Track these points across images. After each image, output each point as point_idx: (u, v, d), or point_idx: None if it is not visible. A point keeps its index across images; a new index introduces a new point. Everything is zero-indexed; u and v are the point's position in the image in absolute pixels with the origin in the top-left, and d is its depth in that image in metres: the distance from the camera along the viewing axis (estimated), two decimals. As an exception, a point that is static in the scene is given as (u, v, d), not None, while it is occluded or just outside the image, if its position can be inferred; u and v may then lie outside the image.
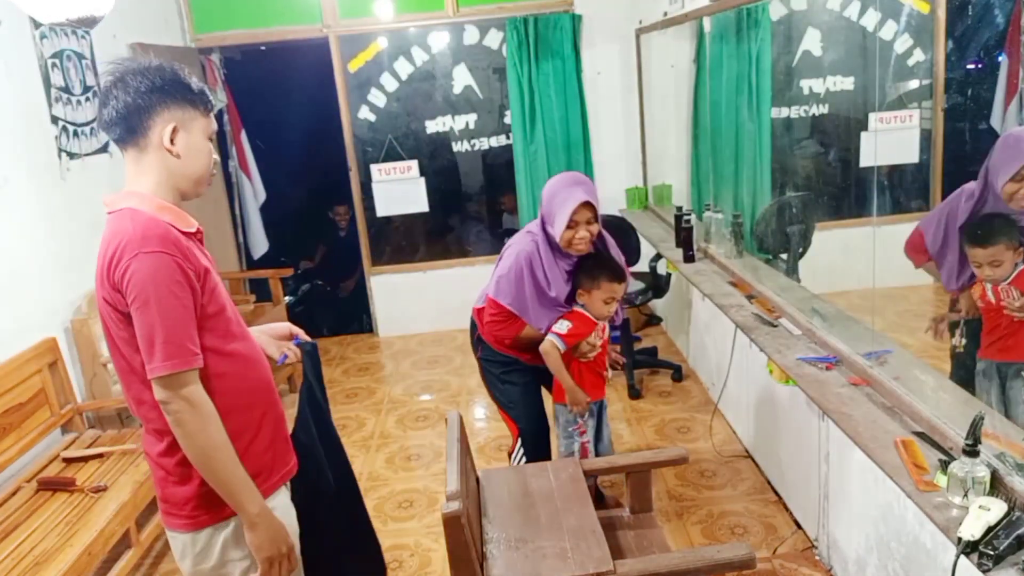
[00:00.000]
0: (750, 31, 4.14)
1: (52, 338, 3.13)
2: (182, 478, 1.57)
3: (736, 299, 3.15)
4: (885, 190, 4.52)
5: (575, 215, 2.43)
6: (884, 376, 2.17)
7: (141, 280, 1.42)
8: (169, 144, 1.53)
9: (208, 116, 1.59)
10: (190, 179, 1.59)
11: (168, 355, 1.42)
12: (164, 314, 1.42)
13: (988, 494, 1.60)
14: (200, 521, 1.58)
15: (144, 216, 1.49)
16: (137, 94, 1.49)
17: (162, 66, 1.53)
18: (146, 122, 1.52)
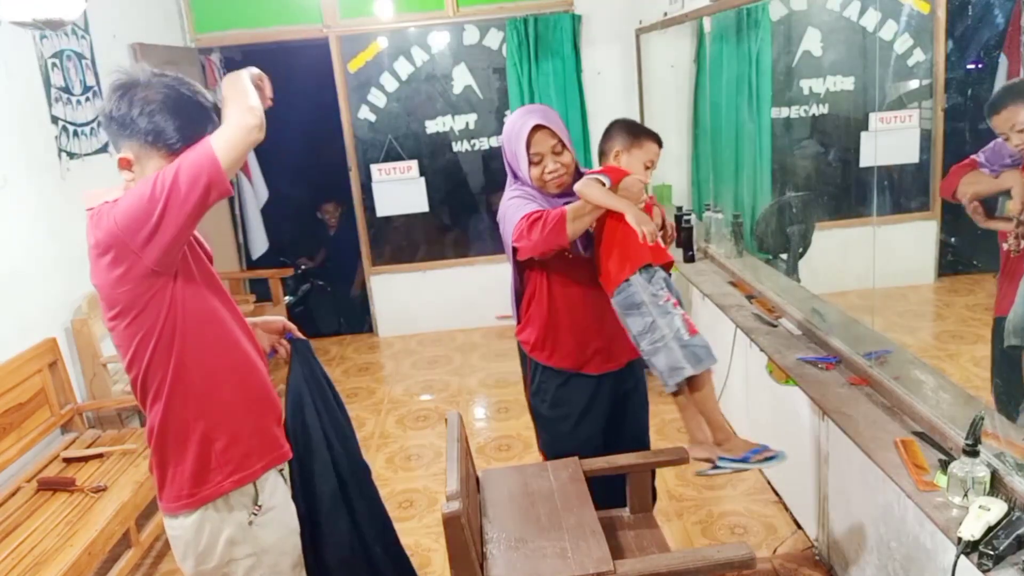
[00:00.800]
0: (750, 31, 4.14)
1: (52, 338, 3.13)
2: (177, 458, 1.59)
3: (736, 299, 3.15)
4: (885, 190, 4.53)
5: (534, 146, 2.08)
6: (884, 376, 2.17)
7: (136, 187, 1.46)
8: (120, 169, 1.54)
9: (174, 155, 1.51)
10: None
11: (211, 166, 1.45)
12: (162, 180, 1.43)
13: (988, 494, 1.61)
14: (201, 497, 1.59)
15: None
16: (107, 117, 1.52)
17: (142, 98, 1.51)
18: (116, 141, 1.55)
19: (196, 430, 1.59)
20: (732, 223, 3.67)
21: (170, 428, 1.59)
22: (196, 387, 1.57)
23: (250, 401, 1.66)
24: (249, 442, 1.63)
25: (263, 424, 1.68)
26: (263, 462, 1.66)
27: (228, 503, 1.61)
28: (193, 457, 1.59)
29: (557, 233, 1.96)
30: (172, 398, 1.57)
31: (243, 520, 1.62)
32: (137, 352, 1.54)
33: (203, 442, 1.59)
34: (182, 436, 1.59)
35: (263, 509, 1.65)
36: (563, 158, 2.12)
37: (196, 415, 1.58)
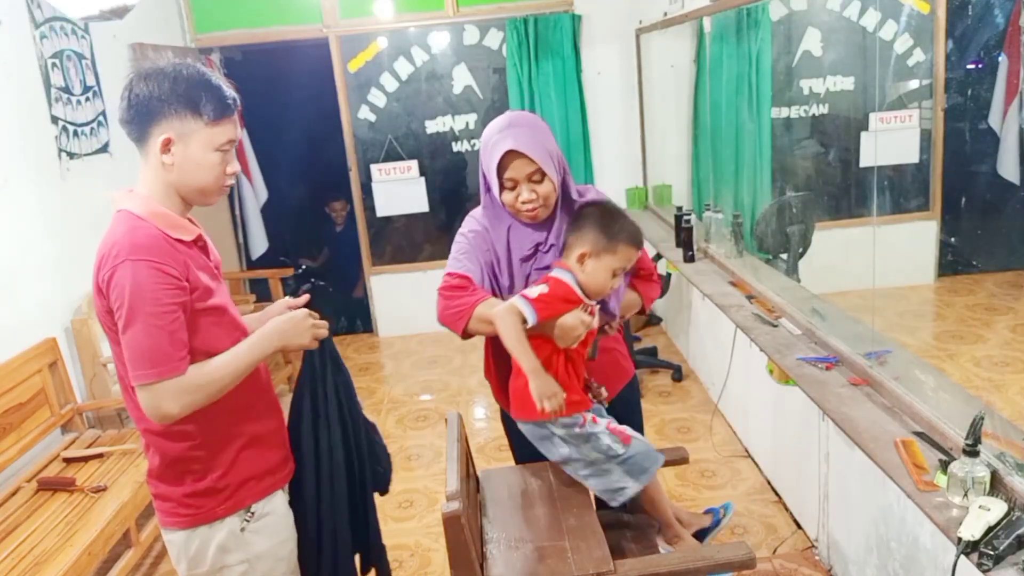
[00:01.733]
0: (750, 31, 4.14)
1: (52, 338, 3.13)
2: (174, 478, 1.57)
3: (736, 299, 3.15)
4: (885, 190, 4.53)
5: (508, 171, 1.78)
6: (884, 376, 2.17)
7: (123, 288, 1.40)
8: (162, 155, 1.48)
9: (218, 127, 1.50)
10: (191, 189, 1.54)
11: (150, 363, 1.40)
12: (146, 323, 1.40)
13: (988, 494, 1.60)
14: (193, 519, 1.57)
15: (136, 221, 1.47)
16: (138, 100, 1.47)
17: (172, 72, 1.48)
18: (146, 129, 1.48)
19: (196, 458, 1.56)
20: (732, 223, 3.67)
21: (168, 453, 1.56)
22: (198, 417, 1.52)
23: (253, 433, 1.62)
24: (247, 472, 1.60)
25: (265, 455, 1.64)
26: (259, 488, 1.63)
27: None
28: (187, 483, 1.56)
29: (454, 323, 1.82)
30: (172, 425, 1.52)
31: (235, 527, 1.60)
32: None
33: (202, 470, 1.56)
34: (180, 463, 1.56)
35: (256, 516, 1.62)
36: (541, 188, 1.79)
37: (197, 445, 1.55)
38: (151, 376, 1.41)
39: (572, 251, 1.78)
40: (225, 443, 1.58)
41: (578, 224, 1.78)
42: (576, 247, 1.77)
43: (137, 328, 1.40)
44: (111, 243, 1.45)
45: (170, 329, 1.42)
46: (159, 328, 1.41)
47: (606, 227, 1.75)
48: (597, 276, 1.76)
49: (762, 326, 2.82)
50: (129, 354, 1.42)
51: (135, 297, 1.40)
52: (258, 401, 1.66)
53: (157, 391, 1.41)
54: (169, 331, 1.42)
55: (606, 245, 1.74)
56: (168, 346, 1.41)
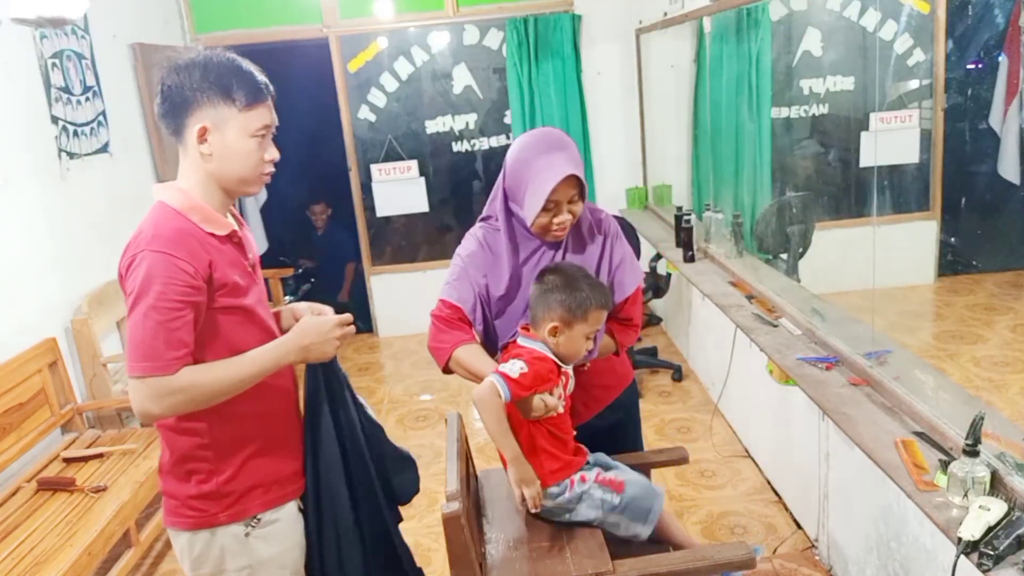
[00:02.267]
0: (750, 31, 4.14)
1: (52, 338, 3.13)
2: (181, 476, 1.55)
3: (736, 299, 3.15)
4: (885, 190, 4.53)
5: (557, 193, 1.74)
6: (884, 376, 2.17)
7: (136, 277, 1.40)
8: (198, 144, 1.47)
9: (253, 111, 1.48)
10: (231, 179, 1.51)
11: (142, 356, 1.38)
12: (147, 315, 1.38)
13: (988, 494, 1.61)
14: (197, 521, 1.55)
15: (168, 212, 1.46)
16: (171, 92, 1.46)
17: (199, 62, 1.47)
18: (181, 121, 1.47)
19: (203, 458, 1.54)
20: (732, 223, 3.67)
21: (177, 448, 1.55)
22: (209, 416, 1.51)
23: (266, 441, 1.59)
24: (255, 480, 1.57)
25: (276, 465, 1.61)
26: (267, 498, 1.59)
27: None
28: (194, 483, 1.54)
29: (436, 357, 1.87)
30: (183, 420, 1.51)
31: (239, 532, 1.57)
32: None
33: (208, 472, 1.54)
34: (187, 460, 1.54)
35: (262, 523, 1.59)
36: (576, 208, 1.81)
37: (205, 444, 1.53)
38: (138, 369, 1.38)
39: (542, 325, 1.75)
40: (234, 447, 1.55)
41: (544, 297, 1.75)
42: (546, 321, 1.74)
43: (137, 318, 1.39)
44: (138, 232, 1.45)
45: (170, 327, 1.39)
46: (158, 323, 1.38)
47: (573, 297, 1.72)
48: (571, 345, 1.75)
49: (762, 326, 2.82)
50: (128, 344, 1.41)
51: (143, 288, 1.39)
52: (277, 408, 1.62)
53: (141, 386, 1.39)
54: (168, 328, 1.38)
55: (577, 315, 1.72)
56: (162, 343, 1.38)
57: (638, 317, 1.99)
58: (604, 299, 1.77)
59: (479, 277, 1.87)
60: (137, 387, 1.40)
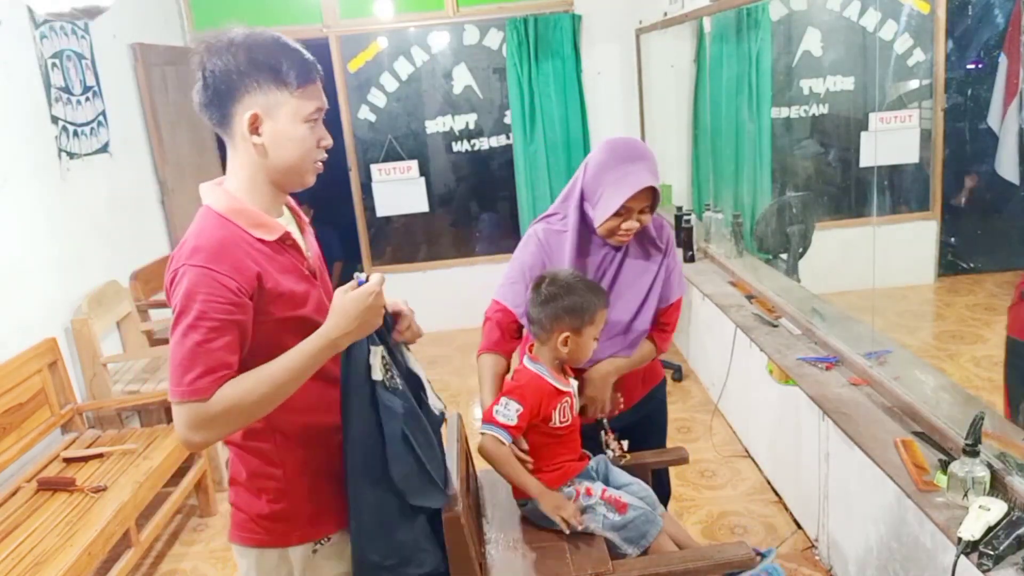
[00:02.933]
0: (750, 31, 4.14)
1: (52, 338, 3.13)
2: (253, 492, 1.46)
3: (736, 299, 3.15)
4: (885, 190, 4.53)
5: (633, 200, 1.82)
6: (884, 376, 2.17)
7: (178, 294, 1.29)
8: (250, 134, 1.32)
9: (304, 93, 1.33)
10: (281, 171, 1.36)
11: (176, 380, 1.27)
12: (187, 335, 1.26)
13: (988, 494, 1.61)
14: (268, 540, 1.46)
15: (213, 219, 1.33)
16: (215, 78, 1.31)
17: (243, 43, 1.33)
18: (227, 110, 1.32)
19: (273, 476, 1.44)
20: (732, 223, 3.68)
21: (247, 466, 1.46)
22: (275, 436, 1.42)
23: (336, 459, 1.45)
24: (327, 500, 1.46)
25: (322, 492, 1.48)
26: (338, 519, 1.48)
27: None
28: (263, 502, 1.45)
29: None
30: (248, 439, 1.43)
31: (308, 551, 1.48)
32: None
33: (278, 492, 1.44)
34: (258, 478, 1.45)
35: (331, 541, 1.49)
36: (645, 217, 1.89)
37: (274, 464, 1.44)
38: (176, 394, 1.27)
39: (553, 336, 1.77)
40: (304, 467, 1.45)
41: (547, 309, 1.76)
42: (556, 332, 1.76)
43: (176, 339, 1.28)
44: (182, 243, 1.33)
45: (209, 348, 1.26)
46: (196, 344, 1.25)
47: (577, 303, 1.74)
48: (582, 350, 1.78)
49: (762, 326, 2.82)
50: (169, 365, 1.29)
51: (183, 306, 1.27)
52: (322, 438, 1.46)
53: (180, 412, 1.28)
54: (207, 349, 1.26)
55: (585, 320, 1.75)
56: (200, 365, 1.25)
57: (674, 323, 2.07)
58: (604, 298, 1.80)
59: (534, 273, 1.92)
60: (176, 413, 1.29)
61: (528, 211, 5.15)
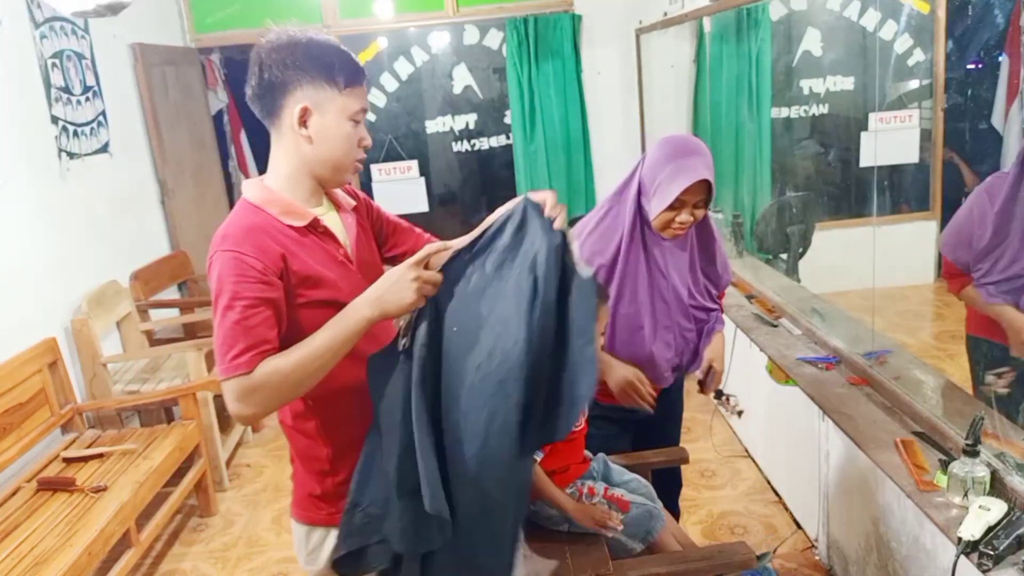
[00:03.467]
0: (750, 31, 4.14)
1: (52, 338, 3.13)
2: (306, 472, 1.54)
3: (736, 299, 3.15)
4: (885, 190, 4.53)
5: (687, 193, 1.85)
6: (884, 376, 2.17)
7: (212, 279, 1.36)
8: (298, 127, 1.40)
9: (351, 93, 1.43)
10: (326, 165, 1.44)
11: (220, 359, 1.34)
12: (224, 316, 1.33)
13: (988, 494, 1.61)
14: (315, 518, 1.54)
15: (245, 209, 1.42)
16: (269, 72, 1.39)
17: (301, 41, 1.41)
18: (278, 102, 1.40)
19: (320, 457, 1.51)
20: (732, 223, 3.68)
21: (297, 446, 1.54)
22: (319, 416, 1.48)
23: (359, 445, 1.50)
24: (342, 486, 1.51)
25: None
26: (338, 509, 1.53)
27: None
28: (314, 480, 1.52)
29: None
30: (297, 420, 1.50)
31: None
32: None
33: (323, 472, 1.51)
34: (307, 456, 1.53)
35: None
36: (699, 212, 1.92)
37: (319, 444, 1.50)
38: (222, 371, 1.33)
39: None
40: (349, 449, 1.49)
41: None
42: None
43: (217, 321, 1.35)
44: (216, 233, 1.41)
45: (247, 325, 1.32)
46: (234, 323, 1.32)
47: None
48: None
49: (762, 326, 2.82)
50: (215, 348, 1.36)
51: (218, 289, 1.34)
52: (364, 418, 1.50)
53: (227, 388, 1.34)
54: (244, 326, 1.32)
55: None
56: (241, 342, 1.32)
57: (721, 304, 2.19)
58: (602, 294, 1.79)
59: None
60: (225, 389, 1.35)
61: (528, 211, 5.14)
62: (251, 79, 1.42)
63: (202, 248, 5.11)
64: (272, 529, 3.21)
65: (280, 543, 3.10)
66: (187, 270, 4.43)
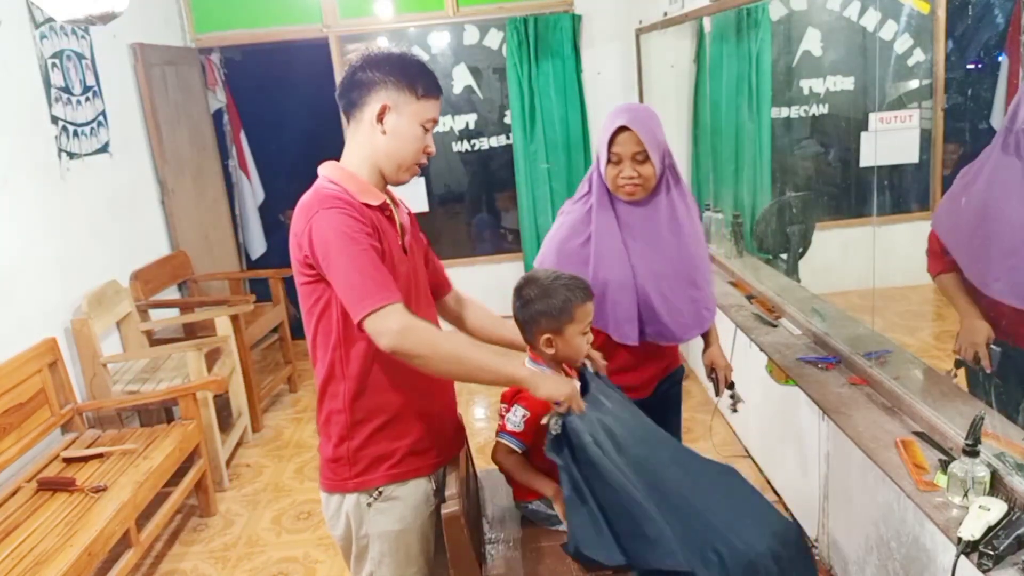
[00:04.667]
0: (750, 31, 4.14)
1: (52, 338, 3.13)
2: (326, 436, 1.67)
3: (736, 299, 3.15)
4: (885, 190, 4.53)
5: (615, 145, 1.96)
6: (884, 376, 2.17)
7: (322, 235, 1.48)
8: (377, 122, 1.59)
9: (426, 102, 1.62)
10: (392, 160, 1.62)
11: (365, 294, 1.45)
12: (351, 260, 1.46)
13: (988, 494, 1.61)
14: (330, 483, 1.67)
15: (325, 184, 1.59)
16: (362, 72, 1.59)
17: (393, 52, 1.62)
18: (364, 97, 1.59)
19: (339, 422, 1.63)
20: (732, 223, 3.68)
21: (323, 409, 1.66)
22: (348, 381, 1.61)
23: (403, 414, 1.65)
24: (383, 451, 1.64)
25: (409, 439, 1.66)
26: (397, 471, 1.66)
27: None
28: (332, 445, 1.65)
29: None
30: (327, 382, 1.62)
31: (362, 502, 1.65)
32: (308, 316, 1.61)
33: (340, 436, 1.63)
34: (329, 423, 1.65)
35: (383, 496, 1.66)
36: (643, 168, 1.97)
37: (340, 409, 1.63)
38: (369, 305, 1.44)
39: (536, 340, 1.77)
40: (368, 415, 1.62)
41: (525, 313, 1.77)
42: (538, 335, 1.76)
43: (344, 267, 1.46)
44: (304, 202, 1.57)
45: (375, 264, 1.47)
46: (365, 263, 1.46)
47: (553, 304, 1.73)
48: (570, 348, 1.76)
49: (762, 326, 2.82)
50: (344, 293, 1.48)
51: (337, 239, 1.47)
52: (416, 383, 1.63)
53: (382, 319, 1.44)
54: (374, 266, 1.47)
55: (563, 319, 1.73)
56: (379, 276, 1.46)
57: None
58: (585, 292, 1.78)
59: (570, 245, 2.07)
60: (379, 321, 1.44)
61: (528, 211, 5.15)
62: (343, 78, 1.62)
63: (202, 248, 5.10)
64: (272, 529, 3.21)
65: (280, 543, 3.11)
66: (187, 270, 4.43)
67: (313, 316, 1.59)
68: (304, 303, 1.61)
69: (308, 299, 1.59)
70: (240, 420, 3.92)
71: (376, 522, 1.66)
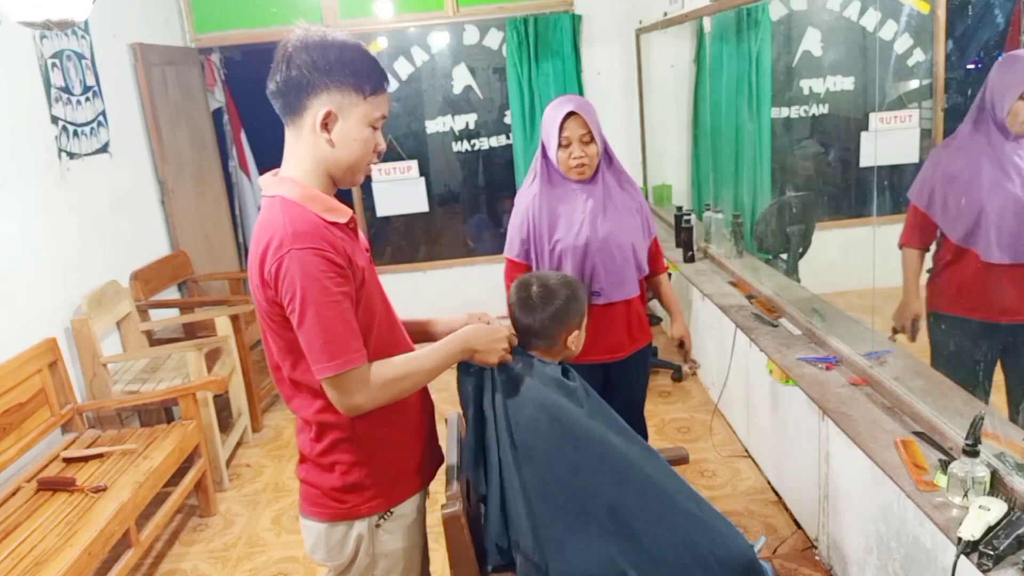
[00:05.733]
0: (750, 31, 4.14)
1: (52, 338, 3.13)
2: (325, 467, 1.56)
3: (736, 299, 3.15)
4: (885, 190, 4.52)
5: (565, 130, 2.26)
6: (884, 376, 2.17)
7: (293, 280, 1.36)
8: (321, 130, 1.42)
9: (374, 100, 1.45)
10: (342, 167, 1.47)
11: (331, 355, 1.37)
12: (321, 314, 1.36)
13: (988, 494, 1.61)
14: (339, 513, 1.57)
15: (294, 208, 1.41)
16: (297, 70, 1.41)
17: (334, 44, 1.44)
18: (302, 102, 1.42)
19: (348, 450, 1.54)
20: (732, 223, 3.68)
21: (322, 439, 1.54)
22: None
23: (403, 433, 1.61)
24: (394, 472, 1.60)
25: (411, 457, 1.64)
26: (409, 489, 1.63)
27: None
28: (339, 474, 1.55)
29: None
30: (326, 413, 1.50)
31: (372, 522, 1.59)
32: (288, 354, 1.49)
33: (351, 464, 1.54)
34: (332, 452, 1.54)
35: (393, 515, 1.61)
36: (590, 148, 2.29)
37: (348, 437, 1.53)
38: (332, 368, 1.38)
39: (561, 336, 1.78)
40: (376, 440, 1.55)
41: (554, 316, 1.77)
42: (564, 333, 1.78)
43: (311, 320, 1.36)
44: (272, 234, 1.39)
45: (343, 319, 1.38)
46: (332, 319, 1.36)
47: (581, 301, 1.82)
48: (581, 339, 1.84)
49: (762, 326, 2.82)
50: (308, 347, 1.39)
51: (306, 287, 1.35)
52: (413, 401, 1.62)
53: (340, 383, 1.39)
54: (342, 320, 1.38)
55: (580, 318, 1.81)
56: (344, 336, 1.37)
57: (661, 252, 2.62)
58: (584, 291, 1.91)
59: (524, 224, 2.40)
60: (336, 385, 1.40)
61: (528, 211, 5.14)
62: (276, 74, 1.43)
63: (202, 248, 5.10)
64: (272, 529, 3.21)
65: (280, 543, 3.11)
66: (187, 270, 4.43)
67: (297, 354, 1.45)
68: (278, 339, 1.47)
69: (286, 335, 1.45)
70: (240, 420, 3.92)
71: (384, 542, 1.61)
